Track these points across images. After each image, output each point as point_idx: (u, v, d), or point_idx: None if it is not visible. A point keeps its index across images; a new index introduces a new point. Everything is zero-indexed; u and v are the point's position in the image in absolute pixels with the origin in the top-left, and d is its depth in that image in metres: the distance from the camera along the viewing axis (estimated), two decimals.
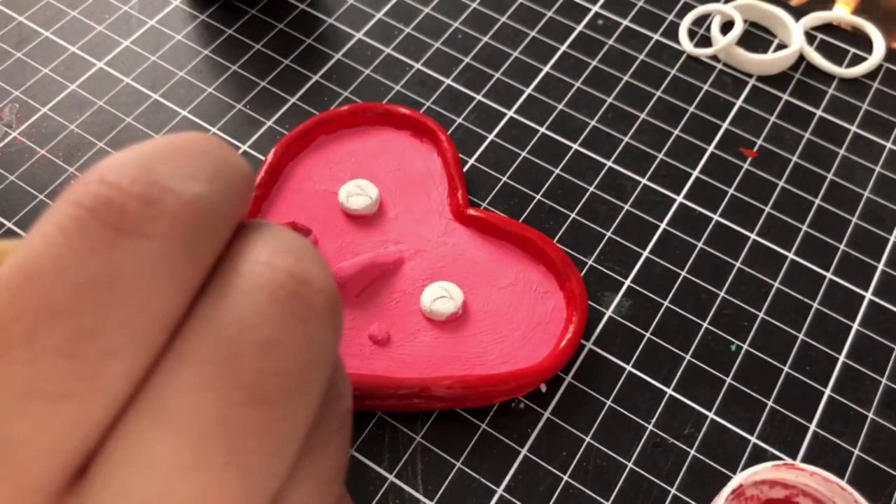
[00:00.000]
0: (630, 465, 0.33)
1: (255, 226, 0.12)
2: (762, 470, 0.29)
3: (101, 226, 0.10)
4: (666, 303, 0.38)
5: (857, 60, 0.47)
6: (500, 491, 0.33)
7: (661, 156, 0.42)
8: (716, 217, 0.40)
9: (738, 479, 0.28)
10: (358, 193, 0.38)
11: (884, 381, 0.36)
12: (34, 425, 0.09)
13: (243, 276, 0.11)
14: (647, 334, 0.37)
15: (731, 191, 0.41)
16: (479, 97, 0.44)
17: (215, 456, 0.10)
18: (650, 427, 0.34)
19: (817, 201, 0.41)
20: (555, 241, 0.39)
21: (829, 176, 0.42)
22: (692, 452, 0.34)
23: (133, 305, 0.10)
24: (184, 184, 0.10)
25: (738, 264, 0.39)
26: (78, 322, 0.09)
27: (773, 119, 0.44)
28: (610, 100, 0.44)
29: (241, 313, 0.10)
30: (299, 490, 0.11)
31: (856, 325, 0.37)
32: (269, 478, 0.10)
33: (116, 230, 0.10)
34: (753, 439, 0.34)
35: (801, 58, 0.47)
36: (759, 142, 0.43)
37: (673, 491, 0.33)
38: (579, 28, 0.47)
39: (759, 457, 0.34)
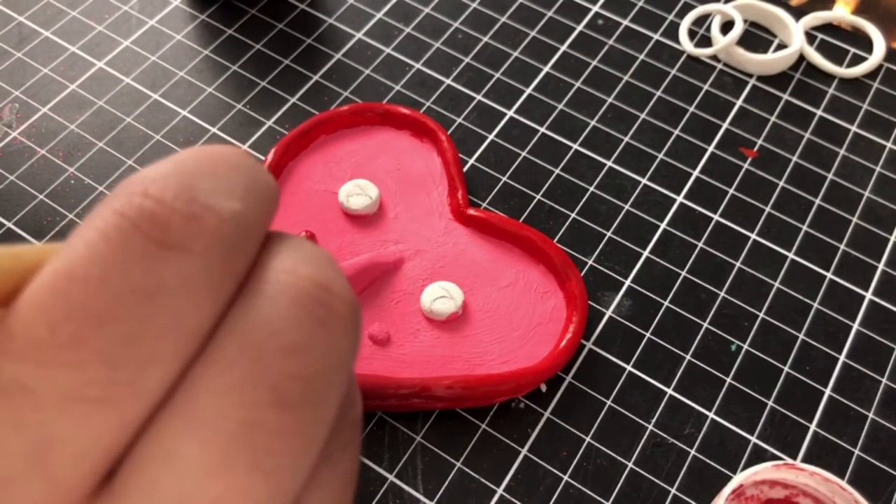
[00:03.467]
0: (630, 465, 0.33)
1: (278, 236, 0.12)
2: (762, 470, 0.29)
3: (145, 238, 0.10)
4: (666, 303, 0.38)
5: (857, 60, 0.47)
6: (500, 491, 0.33)
7: (661, 156, 0.42)
8: (716, 217, 0.40)
9: (738, 479, 0.28)
10: (358, 193, 0.38)
11: (884, 381, 0.36)
12: (73, 427, 0.09)
13: (269, 284, 0.11)
14: (647, 334, 0.37)
15: (731, 191, 0.41)
16: (479, 97, 0.44)
17: (241, 457, 0.10)
18: (650, 427, 0.34)
19: (817, 201, 0.41)
20: (555, 241, 0.39)
21: (829, 176, 0.42)
22: (692, 452, 0.34)
23: (172, 316, 0.10)
24: (222, 201, 0.11)
25: (738, 264, 0.39)
26: (121, 329, 0.10)
27: (773, 119, 0.44)
28: (610, 100, 0.44)
29: (266, 319, 0.11)
30: (316, 497, 0.11)
31: (856, 325, 0.37)
32: (293, 479, 0.11)
33: (159, 244, 0.10)
34: (753, 439, 0.34)
35: (801, 58, 0.47)
36: (759, 142, 0.43)
37: (673, 491, 0.33)
38: (579, 28, 0.47)
39: (759, 457, 0.34)
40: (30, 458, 0.09)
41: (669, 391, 0.35)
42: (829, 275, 0.39)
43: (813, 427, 0.35)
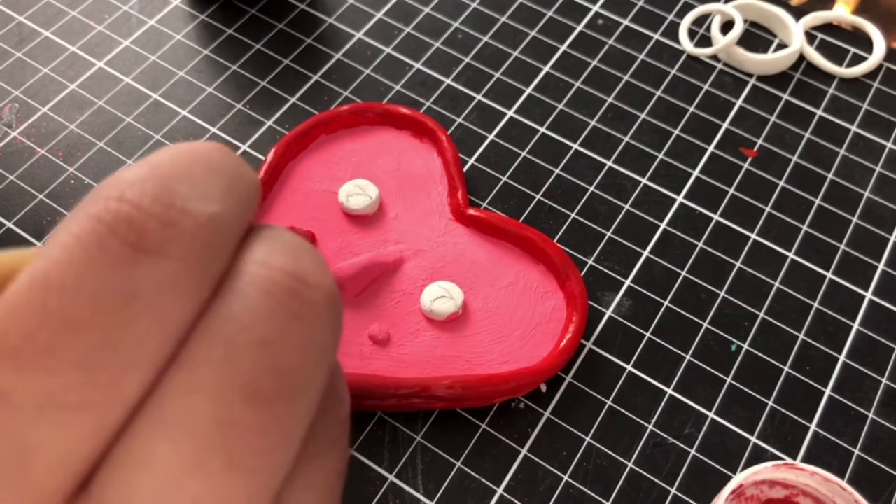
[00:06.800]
0: (630, 465, 0.33)
1: (258, 229, 0.12)
2: (762, 470, 0.29)
3: (121, 244, 0.10)
4: (666, 303, 0.38)
5: (857, 60, 0.47)
6: (500, 491, 0.33)
7: (661, 156, 0.42)
8: (716, 217, 0.40)
9: (738, 479, 0.28)
10: (358, 193, 0.38)
11: (884, 381, 0.36)
12: (50, 434, 0.09)
13: (240, 278, 0.11)
14: (647, 334, 0.37)
15: (731, 191, 0.41)
16: (479, 97, 0.44)
17: (216, 455, 0.10)
18: (650, 427, 0.34)
19: (817, 201, 0.41)
20: (555, 241, 0.39)
21: (829, 176, 0.42)
22: (692, 452, 0.34)
23: (149, 321, 0.10)
24: (200, 204, 0.11)
25: (738, 264, 0.39)
26: (97, 335, 0.10)
27: (773, 119, 0.44)
28: (610, 100, 0.44)
29: (237, 313, 0.11)
30: (301, 496, 0.11)
31: (856, 325, 0.37)
32: (272, 476, 0.10)
33: (135, 249, 0.10)
34: (753, 439, 0.34)
35: (801, 58, 0.47)
36: (759, 142, 0.43)
37: (673, 491, 0.33)
38: (579, 28, 0.47)
39: (759, 457, 0.34)
40: (7, 465, 0.09)
41: (669, 391, 0.35)
42: (829, 275, 0.39)
43: (813, 427, 0.35)
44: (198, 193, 0.11)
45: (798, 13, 0.49)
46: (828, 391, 0.36)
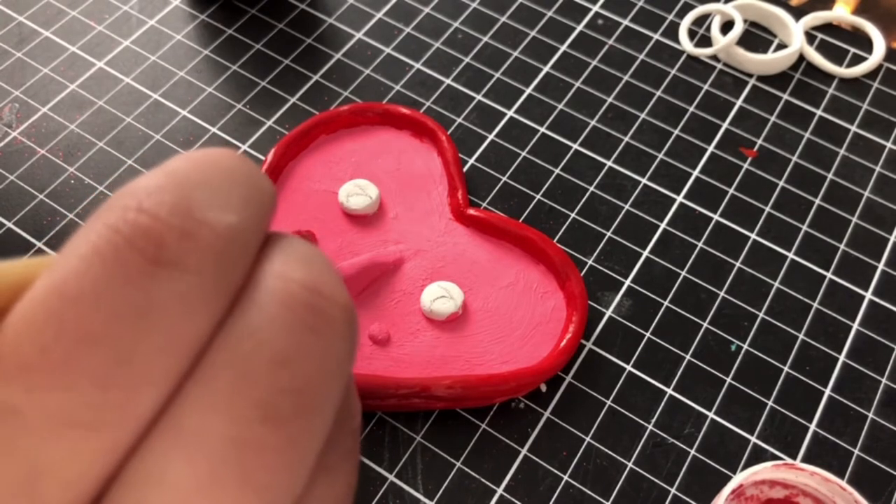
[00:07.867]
0: (630, 465, 0.33)
1: (274, 238, 0.12)
2: (762, 470, 0.29)
3: (139, 255, 0.10)
4: (666, 303, 0.38)
5: (857, 60, 0.47)
6: (500, 491, 0.33)
7: (661, 156, 0.42)
8: (716, 217, 0.40)
9: (738, 479, 0.28)
10: (358, 193, 0.38)
11: (884, 381, 0.36)
12: (63, 453, 0.09)
13: (259, 291, 0.11)
14: (647, 334, 0.37)
15: (731, 191, 0.41)
16: (479, 97, 0.44)
17: (231, 474, 0.10)
18: (650, 427, 0.34)
19: (817, 201, 0.41)
20: (555, 241, 0.39)
21: (829, 176, 0.42)
22: (692, 452, 0.34)
23: (166, 335, 0.10)
24: (219, 215, 0.10)
25: (738, 264, 0.39)
26: (112, 350, 0.09)
27: (773, 119, 0.44)
28: (610, 100, 0.44)
29: (255, 328, 0.10)
30: None
31: (856, 325, 0.37)
32: (287, 494, 0.10)
33: (153, 261, 0.10)
34: (753, 439, 0.34)
35: (801, 58, 0.47)
36: (759, 142, 0.43)
37: (673, 491, 0.33)
38: (579, 28, 0.47)
39: (759, 457, 0.34)
40: (19, 485, 0.09)
41: (669, 391, 0.35)
42: (829, 275, 0.39)
43: (813, 427, 0.35)
44: (216, 203, 0.11)
45: (798, 13, 0.49)
46: (828, 391, 0.36)
